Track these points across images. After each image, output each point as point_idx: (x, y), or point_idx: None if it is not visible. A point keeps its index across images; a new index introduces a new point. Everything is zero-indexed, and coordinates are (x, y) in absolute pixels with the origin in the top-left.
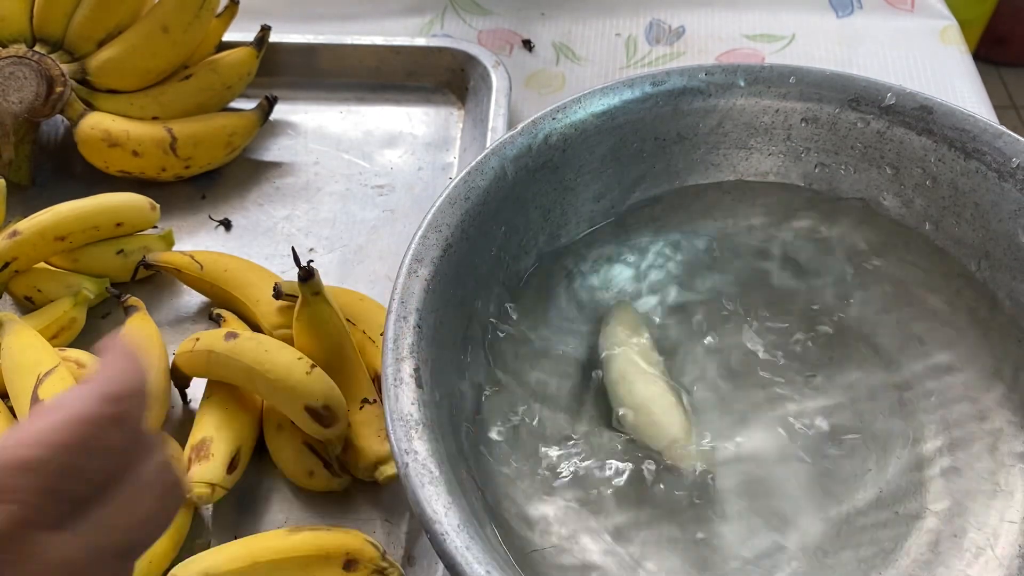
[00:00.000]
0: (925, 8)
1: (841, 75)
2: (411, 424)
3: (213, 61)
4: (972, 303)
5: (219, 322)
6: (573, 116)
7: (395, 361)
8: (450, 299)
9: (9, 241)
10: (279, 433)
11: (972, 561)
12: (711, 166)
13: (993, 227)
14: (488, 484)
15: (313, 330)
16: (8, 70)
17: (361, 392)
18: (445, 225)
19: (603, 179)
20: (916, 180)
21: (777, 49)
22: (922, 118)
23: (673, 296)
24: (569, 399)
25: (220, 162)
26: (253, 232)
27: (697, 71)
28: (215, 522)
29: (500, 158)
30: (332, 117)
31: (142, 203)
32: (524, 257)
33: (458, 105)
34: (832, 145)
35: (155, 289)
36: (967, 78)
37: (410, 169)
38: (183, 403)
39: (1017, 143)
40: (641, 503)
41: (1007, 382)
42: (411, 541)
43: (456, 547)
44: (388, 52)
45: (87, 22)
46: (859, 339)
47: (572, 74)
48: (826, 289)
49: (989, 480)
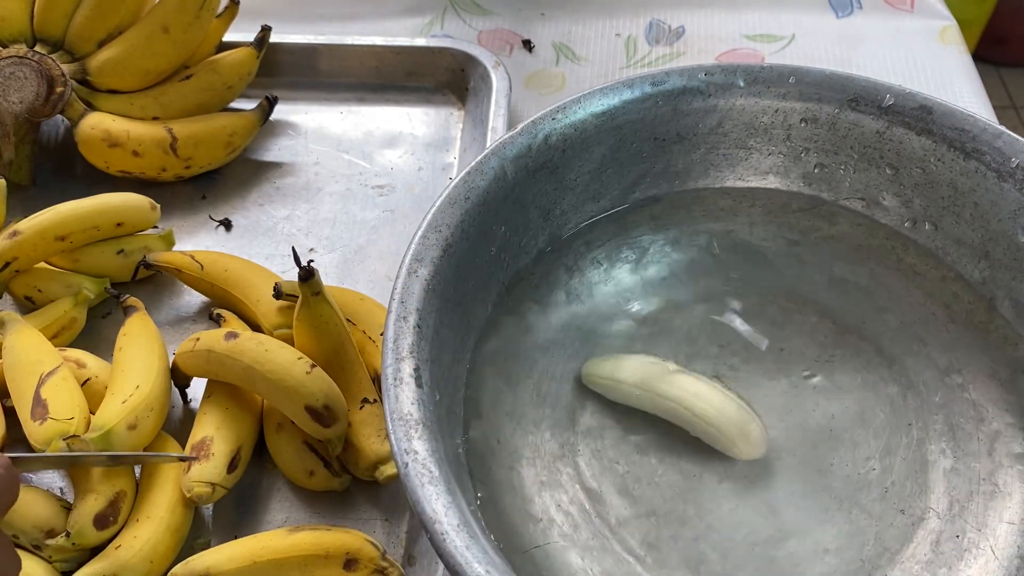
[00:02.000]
0: (925, 8)
1: (841, 75)
2: (411, 424)
3: (213, 61)
4: (970, 305)
5: (219, 322)
6: (573, 116)
7: (395, 361)
8: (450, 299)
9: (10, 241)
10: (279, 433)
11: (972, 561)
12: (711, 166)
13: (993, 227)
14: (488, 482)
15: (313, 330)
16: (8, 70)
17: (361, 392)
18: (445, 225)
19: (603, 179)
20: (915, 180)
21: (777, 49)
22: (922, 118)
23: (673, 294)
24: (570, 397)
25: (220, 162)
26: (253, 232)
27: (697, 71)
28: (215, 522)
29: (500, 158)
30: (332, 117)
31: (142, 203)
32: (524, 257)
33: (458, 105)
34: (832, 145)
35: (155, 289)
36: (967, 78)
37: (410, 169)
38: (183, 403)
39: (1016, 143)
40: (637, 503)
41: (1004, 384)
42: (411, 541)
43: (456, 547)
44: (388, 52)
45: (87, 22)
46: (861, 338)
47: (572, 74)
48: (826, 288)
49: (988, 481)
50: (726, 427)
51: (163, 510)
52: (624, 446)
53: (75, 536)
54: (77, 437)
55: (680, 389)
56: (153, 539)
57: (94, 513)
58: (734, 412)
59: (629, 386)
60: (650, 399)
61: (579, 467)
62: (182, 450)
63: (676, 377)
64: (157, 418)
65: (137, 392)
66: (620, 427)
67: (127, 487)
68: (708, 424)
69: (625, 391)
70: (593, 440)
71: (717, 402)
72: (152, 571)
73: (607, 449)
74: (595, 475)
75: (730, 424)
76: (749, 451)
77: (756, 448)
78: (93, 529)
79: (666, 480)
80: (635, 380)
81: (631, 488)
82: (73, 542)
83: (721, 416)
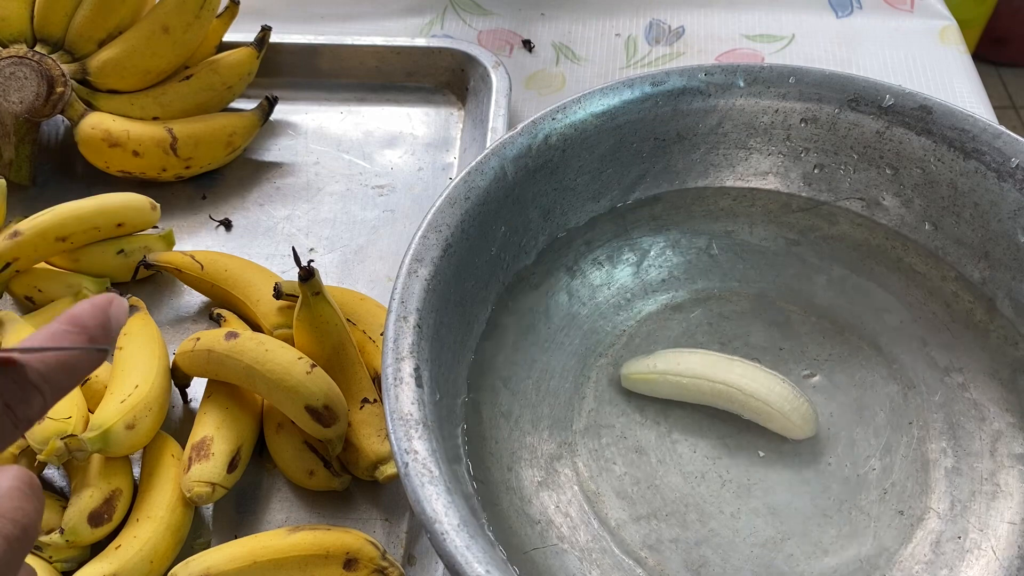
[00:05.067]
0: (925, 8)
1: (840, 75)
2: (411, 424)
3: (214, 61)
4: (970, 304)
5: (219, 322)
6: (573, 116)
7: (395, 361)
8: (450, 299)
9: (10, 241)
10: (279, 433)
11: (973, 562)
12: (711, 166)
13: (992, 227)
14: (488, 481)
15: (313, 330)
16: (9, 70)
17: (361, 392)
18: (445, 225)
19: (603, 179)
20: (915, 180)
21: (777, 49)
22: (921, 118)
23: (673, 294)
24: (569, 397)
25: (220, 162)
26: (253, 232)
27: (697, 71)
28: (215, 522)
29: (500, 158)
30: (332, 117)
31: (143, 203)
32: (524, 257)
33: (458, 105)
34: (831, 145)
35: (155, 289)
36: (966, 78)
37: (410, 169)
38: (183, 403)
39: (1016, 143)
40: (633, 503)
41: (1005, 384)
42: (411, 541)
43: (456, 547)
44: (388, 52)
45: (88, 22)
46: (860, 338)
47: (572, 74)
48: (826, 288)
49: (990, 481)
50: (779, 405)
51: (163, 510)
52: (623, 447)
53: (69, 533)
54: (75, 436)
55: (728, 372)
56: (153, 539)
57: (89, 510)
58: (786, 391)
59: (675, 376)
60: (697, 387)
61: (577, 468)
62: (182, 450)
63: (720, 362)
64: (156, 418)
65: (136, 392)
66: (618, 428)
67: (124, 485)
68: (762, 404)
69: (672, 382)
70: (591, 440)
71: (767, 382)
72: (152, 571)
73: (605, 449)
74: (593, 476)
75: (783, 402)
76: (803, 429)
77: (808, 426)
78: (87, 526)
79: (666, 482)
80: (680, 370)
81: (629, 490)
82: (67, 539)
83: (773, 395)
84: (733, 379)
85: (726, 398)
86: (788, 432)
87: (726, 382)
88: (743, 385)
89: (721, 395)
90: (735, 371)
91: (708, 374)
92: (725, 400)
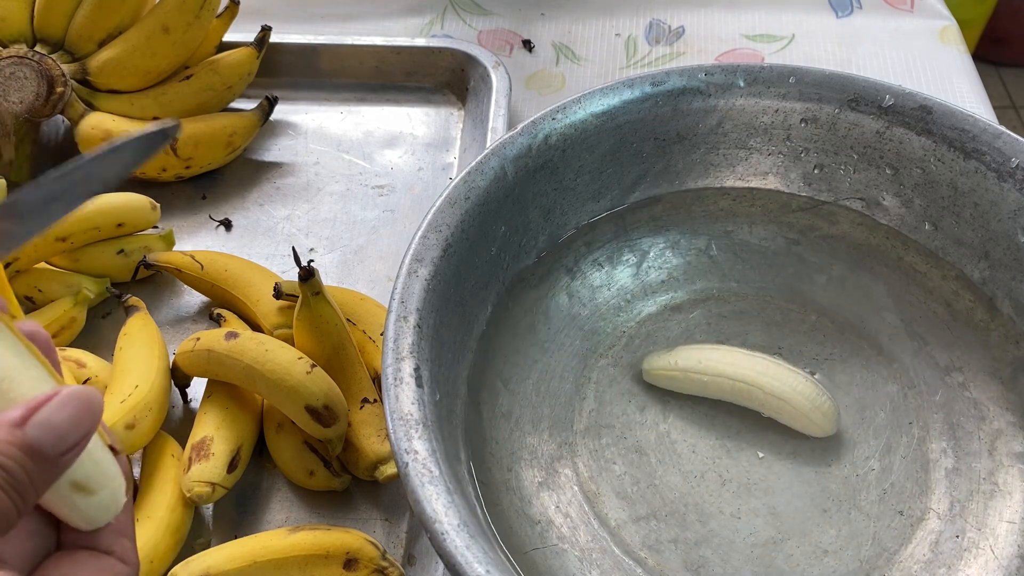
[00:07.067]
0: (925, 8)
1: (840, 75)
2: (411, 424)
3: (214, 61)
4: (970, 304)
5: (219, 322)
6: (573, 116)
7: (395, 361)
8: (450, 299)
9: None
10: (279, 433)
11: (972, 561)
12: (711, 166)
13: (992, 227)
14: (488, 482)
15: (313, 330)
16: (9, 70)
17: (361, 392)
18: (445, 225)
19: (603, 179)
20: (915, 180)
21: (777, 49)
22: (921, 118)
23: (672, 295)
24: (569, 397)
25: (220, 162)
26: (253, 232)
27: (697, 71)
28: (215, 522)
29: (500, 158)
30: (332, 117)
31: (143, 203)
32: (524, 257)
33: (458, 105)
34: (831, 145)
35: (155, 289)
36: (966, 78)
37: (410, 169)
38: (183, 403)
39: (1016, 143)
40: (633, 503)
41: (1005, 383)
42: (411, 541)
43: (456, 547)
44: (388, 52)
45: (88, 22)
46: (860, 337)
47: (572, 74)
48: (826, 287)
49: (988, 480)
50: (799, 403)
51: (163, 510)
52: (623, 447)
53: None
54: None
55: (748, 370)
56: (153, 539)
57: None
58: (808, 389)
59: (696, 375)
60: (718, 385)
61: (577, 468)
62: (182, 450)
63: (741, 358)
64: (156, 418)
65: (136, 392)
66: (618, 428)
67: None
68: (783, 402)
69: (693, 380)
70: (591, 441)
71: (789, 380)
72: (152, 571)
73: (605, 449)
74: (593, 476)
75: (803, 400)
76: (824, 426)
77: (830, 423)
78: None
79: (666, 483)
80: (701, 368)
81: (629, 490)
82: None
83: (794, 393)
84: (754, 377)
85: (746, 396)
86: (809, 430)
87: (746, 380)
88: (764, 384)
89: (742, 393)
90: (756, 368)
91: (729, 372)
92: (746, 398)
